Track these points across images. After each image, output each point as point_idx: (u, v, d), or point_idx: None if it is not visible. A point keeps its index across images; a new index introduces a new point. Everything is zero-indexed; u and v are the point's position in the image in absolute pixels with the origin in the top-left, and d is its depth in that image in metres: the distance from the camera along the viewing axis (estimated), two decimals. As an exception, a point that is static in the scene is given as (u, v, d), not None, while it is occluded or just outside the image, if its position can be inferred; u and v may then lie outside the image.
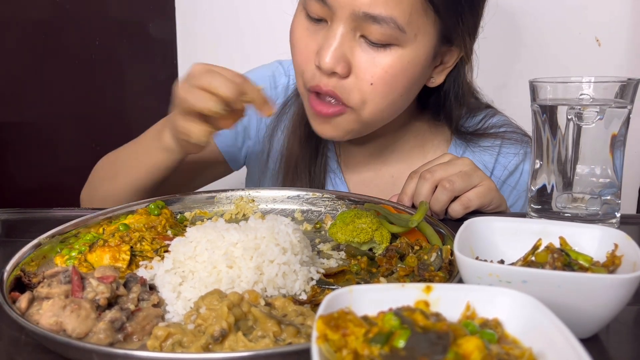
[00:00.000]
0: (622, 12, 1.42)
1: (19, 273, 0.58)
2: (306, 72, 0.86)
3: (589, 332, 0.50)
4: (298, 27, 0.87)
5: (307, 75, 0.85)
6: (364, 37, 0.81)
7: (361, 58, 0.82)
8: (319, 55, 0.82)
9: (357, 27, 0.80)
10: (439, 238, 0.69)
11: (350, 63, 0.82)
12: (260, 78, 1.07)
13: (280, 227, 0.63)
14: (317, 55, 0.83)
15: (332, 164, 1.04)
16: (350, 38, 0.81)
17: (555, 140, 0.72)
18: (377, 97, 0.84)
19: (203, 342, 0.46)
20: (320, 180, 1.02)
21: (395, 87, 0.84)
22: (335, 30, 0.81)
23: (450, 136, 1.04)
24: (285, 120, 1.04)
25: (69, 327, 0.49)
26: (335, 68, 0.81)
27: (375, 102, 0.84)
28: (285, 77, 1.07)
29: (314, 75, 0.84)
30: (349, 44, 0.81)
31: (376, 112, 0.86)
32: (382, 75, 0.82)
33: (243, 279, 0.57)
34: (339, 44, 0.81)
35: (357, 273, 0.65)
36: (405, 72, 0.84)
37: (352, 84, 0.83)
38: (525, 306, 0.41)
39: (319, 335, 0.37)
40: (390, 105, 0.87)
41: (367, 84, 0.82)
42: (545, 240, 0.55)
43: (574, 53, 1.45)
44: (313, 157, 1.01)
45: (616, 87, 0.69)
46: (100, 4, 1.55)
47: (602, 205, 0.72)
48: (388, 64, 0.82)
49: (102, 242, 0.66)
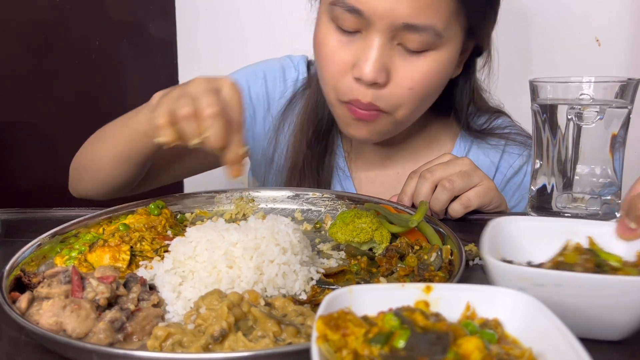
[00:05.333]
0: (622, 12, 1.42)
1: (19, 273, 0.58)
2: (341, 85, 0.85)
3: (620, 335, 0.49)
4: (330, 39, 0.85)
5: (343, 87, 0.85)
6: (401, 45, 0.81)
7: (400, 65, 0.82)
8: (358, 68, 0.81)
9: (395, 36, 0.80)
10: (439, 238, 0.69)
11: (389, 71, 0.82)
12: (270, 69, 1.07)
13: (280, 227, 0.63)
14: (355, 67, 0.82)
15: (340, 161, 1.05)
16: (389, 47, 0.81)
17: (555, 140, 0.72)
18: (414, 100, 0.86)
19: (203, 342, 0.46)
20: (328, 178, 1.02)
21: (432, 88, 0.87)
22: (373, 40, 0.80)
23: (457, 132, 1.05)
24: (292, 114, 1.04)
25: (69, 327, 0.49)
26: (376, 79, 0.81)
27: (412, 104, 0.86)
28: (295, 71, 1.08)
29: (351, 88, 0.84)
30: (388, 53, 0.81)
31: (411, 113, 0.88)
32: (421, 79, 0.83)
33: (243, 279, 0.57)
34: (379, 55, 0.80)
35: (357, 273, 0.65)
36: (441, 73, 0.86)
37: (390, 91, 0.84)
38: (525, 306, 0.41)
39: (319, 335, 0.37)
40: (422, 106, 0.90)
41: (406, 89, 0.83)
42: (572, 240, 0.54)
43: (574, 53, 1.45)
44: (322, 154, 1.01)
45: (616, 87, 0.69)
46: (100, 4, 1.55)
47: (602, 205, 0.72)
48: (426, 68, 0.83)
49: (102, 242, 0.66)
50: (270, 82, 1.07)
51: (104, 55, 1.58)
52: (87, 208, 0.84)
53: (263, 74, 1.07)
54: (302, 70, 1.07)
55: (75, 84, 1.60)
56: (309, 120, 1.00)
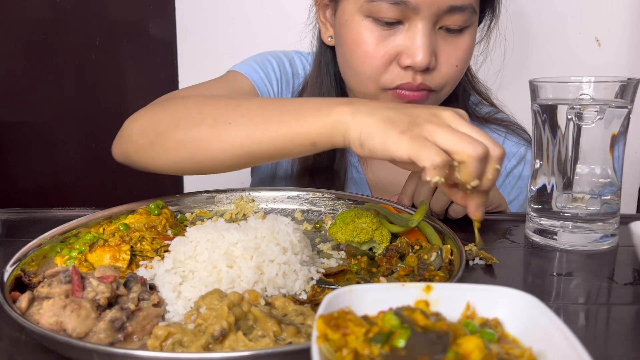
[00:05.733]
0: (622, 12, 1.42)
1: (19, 273, 0.58)
2: (387, 75, 0.86)
3: None
4: (369, 36, 0.85)
5: (390, 77, 0.86)
6: (442, 28, 0.85)
7: (444, 47, 0.86)
8: (409, 56, 0.83)
9: (438, 21, 0.84)
10: (439, 238, 0.69)
11: (437, 54, 0.86)
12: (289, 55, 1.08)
13: (280, 226, 0.63)
14: (404, 56, 0.84)
15: (352, 157, 1.05)
16: (433, 32, 0.84)
17: (555, 140, 0.72)
18: (458, 76, 0.90)
19: (203, 342, 0.46)
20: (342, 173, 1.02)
21: (468, 63, 0.92)
22: (419, 29, 0.83)
23: None
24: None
25: (69, 327, 0.49)
26: (430, 64, 0.84)
27: (455, 80, 0.90)
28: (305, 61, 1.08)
29: (399, 76, 0.86)
30: (434, 38, 0.85)
31: (451, 89, 0.92)
32: (464, 56, 0.88)
33: (243, 278, 0.57)
34: (428, 41, 0.83)
35: (357, 273, 0.65)
36: (473, 46, 0.91)
37: (439, 72, 0.87)
38: (525, 306, 0.41)
39: (319, 334, 0.37)
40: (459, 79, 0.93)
41: (453, 68, 0.87)
42: None
43: (574, 53, 1.45)
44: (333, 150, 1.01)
45: (616, 87, 0.69)
46: (100, 4, 1.55)
47: (602, 205, 0.72)
48: (466, 45, 0.88)
49: (102, 242, 0.66)
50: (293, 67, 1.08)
51: (104, 55, 1.58)
52: (87, 208, 0.84)
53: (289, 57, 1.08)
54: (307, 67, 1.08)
55: (75, 84, 1.60)
56: None
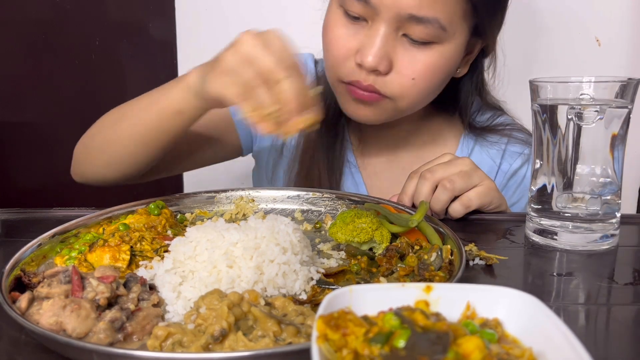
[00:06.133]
0: (622, 12, 1.42)
1: (19, 273, 0.58)
2: (344, 68, 0.87)
3: None
4: (336, 24, 0.87)
5: (345, 70, 0.87)
6: (406, 36, 0.83)
7: (403, 56, 0.84)
8: (361, 54, 0.83)
9: (400, 27, 0.82)
10: (439, 238, 0.69)
11: (392, 60, 0.84)
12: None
13: (280, 226, 0.63)
14: (358, 54, 0.84)
15: (349, 155, 1.05)
16: (393, 37, 0.83)
17: (555, 140, 0.72)
18: (415, 91, 0.87)
19: (203, 342, 0.46)
20: (338, 171, 1.02)
21: (434, 82, 0.88)
22: (378, 29, 0.82)
23: (462, 130, 1.05)
24: None
25: (69, 327, 0.49)
26: (378, 66, 0.83)
27: (414, 95, 0.87)
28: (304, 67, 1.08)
29: (353, 71, 0.86)
30: (391, 43, 0.83)
31: (413, 103, 0.89)
32: (424, 71, 0.84)
33: (243, 278, 0.57)
34: (382, 44, 0.82)
35: (357, 273, 0.65)
36: (444, 68, 0.87)
37: (392, 79, 0.85)
38: (525, 306, 0.41)
39: (319, 335, 0.37)
40: (425, 97, 0.91)
41: (408, 79, 0.85)
42: None
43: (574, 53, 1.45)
44: (330, 148, 1.02)
45: (616, 87, 0.69)
46: (100, 4, 1.55)
47: (602, 205, 0.72)
48: (429, 61, 0.84)
49: (102, 242, 0.66)
50: None
51: (104, 55, 1.58)
52: (87, 208, 0.84)
53: None
54: (310, 67, 1.07)
55: (75, 84, 1.60)
56: None
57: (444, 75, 0.88)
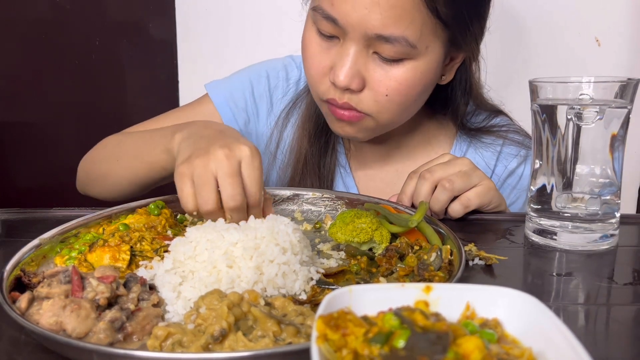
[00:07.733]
0: (622, 12, 1.42)
1: (19, 273, 0.58)
2: (321, 86, 0.87)
3: None
4: (311, 42, 0.87)
5: (322, 88, 0.87)
6: (377, 54, 0.82)
7: (375, 73, 0.83)
8: (333, 73, 0.83)
9: (370, 45, 0.81)
10: (438, 238, 0.69)
11: (364, 78, 0.83)
12: (273, 68, 1.08)
13: (280, 227, 0.63)
14: (331, 72, 0.84)
15: (341, 159, 1.05)
16: (364, 55, 0.82)
17: (555, 140, 0.72)
18: (392, 106, 0.86)
19: (203, 342, 0.46)
20: (330, 174, 1.02)
21: (410, 96, 0.86)
22: (348, 49, 0.82)
23: (455, 132, 1.05)
24: (296, 114, 1.04)
25: (69, 327, 0.49)
26: (350, 85, 0.83)
27: (392, 110, 0.87)
28: (297, 70, 1.08)
29: (329, 90, 0.86)
30: (362, 61, 0.83)
31: (393, 117, 0.89)
32: (397, 87, 0.84)
33: (243, 278, 0.57)
34: (352, 63, 0.82)
35: (357, 273, 0.65)
36: (420, 81, 0.85)
37: (367, 97, 0.85)
38: (525, 306, 0.41)
39: (318, 335, 0.37)
40: (405, 111, 0.90)
41: (382, 95, 0.84)
42: None
43: (574, 53, 1.45)
44: (323, 152, 1.03)
45: (616, 87, 0.69)
46: (100, 4, 1.55)
47: (601, 205, 0.72)
48: (402, 76, 0.83)
49: (102, 242, 0.66)
50: (273, 81, 1.07)
51: (104, 55, 1.58)
52: (87, 208, 0.84)
53: (266, 74, 1.08)
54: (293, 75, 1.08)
55: (75, 84, 1.60)
56: (310, 117, 1.02)
57: (421, 87, 0.87)
